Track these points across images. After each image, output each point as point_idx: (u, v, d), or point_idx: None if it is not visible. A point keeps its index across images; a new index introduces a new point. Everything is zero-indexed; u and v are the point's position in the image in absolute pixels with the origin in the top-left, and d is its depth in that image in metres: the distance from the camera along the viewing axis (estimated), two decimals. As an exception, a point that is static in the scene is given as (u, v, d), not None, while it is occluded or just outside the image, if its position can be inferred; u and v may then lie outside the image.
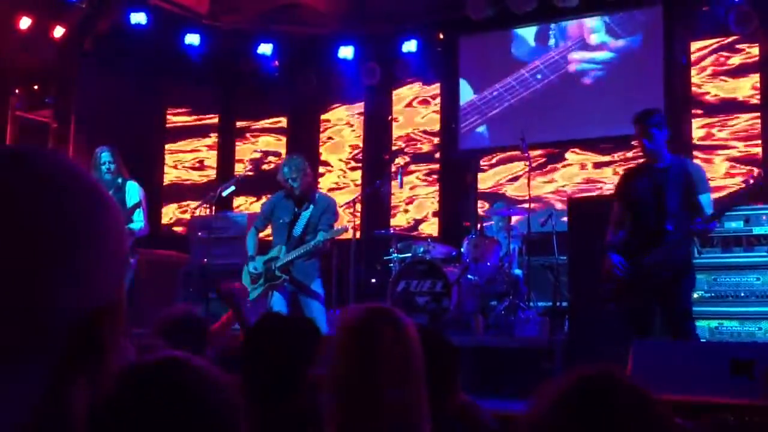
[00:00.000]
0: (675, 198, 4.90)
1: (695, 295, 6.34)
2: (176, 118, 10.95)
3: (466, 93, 9.99)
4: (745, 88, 8.55)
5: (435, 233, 9.80)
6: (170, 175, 10.89)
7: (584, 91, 9.28)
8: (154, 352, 1.03)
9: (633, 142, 5.18)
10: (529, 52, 9.65)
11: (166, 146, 10.90)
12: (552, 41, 9.54)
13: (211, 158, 11.04)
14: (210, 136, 11.05)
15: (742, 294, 6.35)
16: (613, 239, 5.17)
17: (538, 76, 9.50)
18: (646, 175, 5.08)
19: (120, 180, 6.63)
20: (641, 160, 5.31)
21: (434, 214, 10.13)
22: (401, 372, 1.91)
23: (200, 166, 11.00)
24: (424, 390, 1.95)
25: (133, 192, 6.65)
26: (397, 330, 1.94)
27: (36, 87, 9.41)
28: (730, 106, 8.60)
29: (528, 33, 9.62)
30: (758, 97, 8.46)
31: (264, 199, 7.76)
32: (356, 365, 1.92)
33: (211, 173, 10.95)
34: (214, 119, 11.07)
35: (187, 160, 10.97)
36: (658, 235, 4.88)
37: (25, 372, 0.68)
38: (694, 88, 8.80)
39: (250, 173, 8.24)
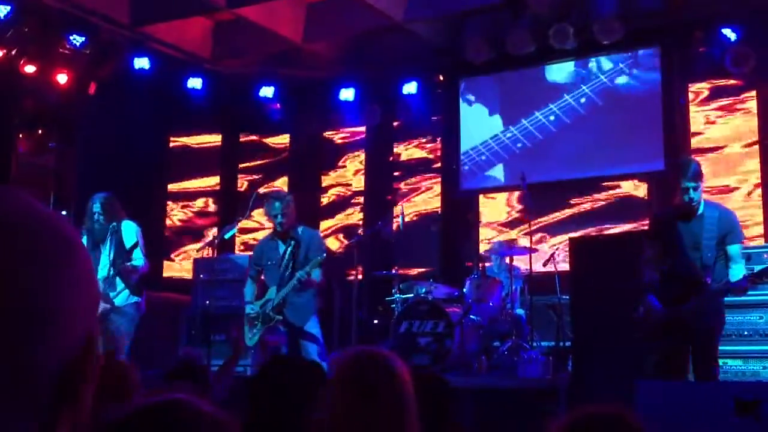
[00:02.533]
0: (711, 249, 4.96)
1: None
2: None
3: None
4: (743, 127, 8.62)
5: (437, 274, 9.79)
6: (174, 218, 10.92)
7: (583, 130, 9.34)
8: (159, 394, 1.04)
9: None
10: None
11: (169, 189, 10.95)
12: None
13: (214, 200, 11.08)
14: (213, 177, 11.11)
15: (746, 332, 6.34)
16: (650, 280, 5.18)
17: (551, 118, 9.55)
18: (682, 223, 5.09)
19: (114, 224, 6.57)
20: (676, 204, 5.21)
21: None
22: (395, 416, 1.90)
23: (203, 209, 11.04)
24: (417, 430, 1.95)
25: (130, 232, 6.61)
26: (388, 373, 1.95)
27: (40, 132, 9.49)
28: (729, 146, 8.66)
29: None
30: (755, 138, 8.52)
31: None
32: (350, 413, 1.92)
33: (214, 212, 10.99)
34: (216, 159, 11.14)
35: (189, 204, 11.01)
36: (696, 286, 4.93)
37: (22, 423, 0.67)
38: (693, 128, 8.86)
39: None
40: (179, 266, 10.65)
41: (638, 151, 8.96)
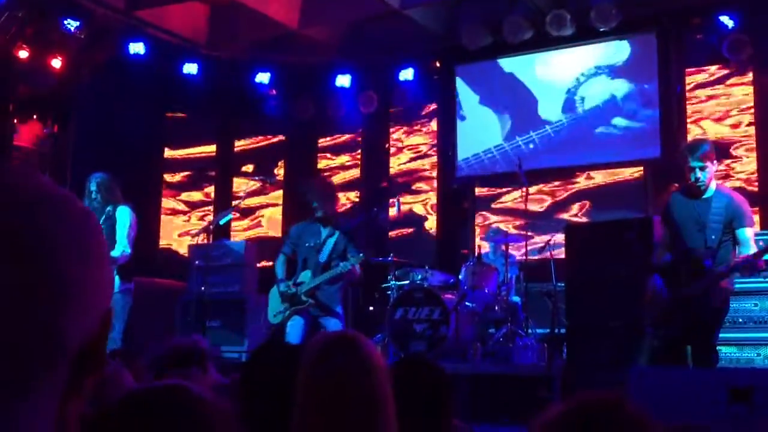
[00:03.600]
0: (716, 232, 4.89)
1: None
2: (174, 152, 10.98)
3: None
4: (740, 115, 8.61)
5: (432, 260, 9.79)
6: (168, 205, 10.91)
7: (580, 117, 9.33)
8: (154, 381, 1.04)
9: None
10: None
11: (165, 176, 10.93)
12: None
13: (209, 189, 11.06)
14: (208, 164, 11.09)
15: (741, 320, 6.35)
16: (658, 262, 5.16)
17: (548, 106, 9.54)
18: (689, 205, 5.04)
19: (110, 208, 6.51)
20: (685, 186, 5.18)
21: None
22: (363, 399, 1.89)
23: (199, 193, 11.02)
24: (391, 417, 1.93)
25: (124, 218, 6.54)
26: (355, 357, 1.93)
27: (35, 117, 9.46)
28: (726, 134, 8.66)
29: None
30: (752, 127, 8.51)
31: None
32: (314, 396, 1.91)
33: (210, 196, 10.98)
34: (212, 147, 11.11)
35: (184, 187, 11.00)
36: (699, 268, 4.88)
37: (43, 403, 0.68)
38: (689, 116, 8.86)
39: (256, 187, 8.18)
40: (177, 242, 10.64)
41: (635, 138, 8.96)
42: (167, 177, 10.99)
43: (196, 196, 11.05)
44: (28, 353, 0.66)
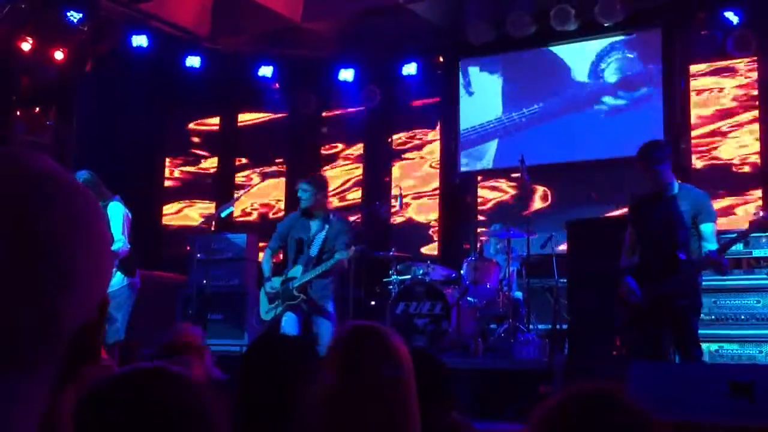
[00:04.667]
0: (684, 227, 5.01)
1: (695, 318, 6.33)
2: (174, 153, 10.98)
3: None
4: (744, 110, 8.58)
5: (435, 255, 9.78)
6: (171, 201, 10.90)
7: (584, 113, 9.30)
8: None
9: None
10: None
11: (166, 170, 10.91)
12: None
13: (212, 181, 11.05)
14: (210, 158, 11.09)
15: (743, 317, 6.34)
16: (627, 264, 5.24)
17: (551, 100, 9.51)
18: (656, 205, 5.16)
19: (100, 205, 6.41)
20: (649, 188, 5.32)
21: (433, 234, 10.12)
22: (388, 390, 1.89)
23: (201, 187, 11.02)
24: (414, 410, 1.93)
25: (115, 212, 6.43)
26: (384, 348, 1.93)
27: (37, 109, 9.45)
28: (729, 128, 8.63)
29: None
30: (757, 121, 8.48)
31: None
32: (342, 382, 1.91)
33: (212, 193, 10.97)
34: (214, 138, 11.11)
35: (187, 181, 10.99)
36: (672, 263, 4.95)
37: (38, 381, 0.69)
38: (693, 110, 8.83)
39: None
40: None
41: (638, 134, 8.91)
42: (168, 168, 10.97)
43: (197, 188, 11.04)
44: (22, 331, 0.66)
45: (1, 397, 0.66)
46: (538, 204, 9.24)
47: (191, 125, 11.06)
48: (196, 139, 11.08)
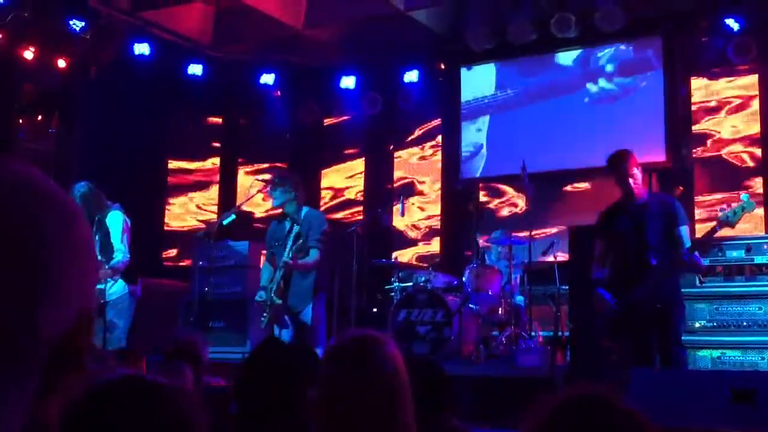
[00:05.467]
0: (655, 232, 5.06)
1: (697, 325, 6.32)
2: (177, 163, 10.99)
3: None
4: (745, 117, 8.59)
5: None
6: (173, 207, 10.91)
7: (587, 121, 9.31)
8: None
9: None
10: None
11: (169, 178, 10.93)
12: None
13: (213, 191, 11.06)
14: (212, 164, 11.10)
15: (745, 323, 6.32)
16: (598, 275, 5.30)
17: (552, 107, 9.52)
18: (626, 213, 5.24)
19: (98, 216, 6.27)
20: (619, 198, 5.43)
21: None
22: (385, 398, 1.89)
23: (202, 198, 11.03)
24: (408, 419, 1.93)
25: (115, 222, 6.38)
26: (381, 356, 1.93)
27: (39, 117, 9.47)
28: (730, 135, 8.63)
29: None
30: (758, 128, 8.49)
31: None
32: (340, 391, 1.92)
33: (214, 199, 10.98)
34: (216, 147, 11.13)
35: (189, 190, 11.00)
36: (644, 269, 5.01)
37: (17, 389, 0.68)
38: (694, 118, 8.84)
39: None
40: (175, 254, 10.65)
41: (639, 141, 8.92)
42: (171, 177, 10.97)
43: (199, 196, 11.05)
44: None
45: None
46: (538, 209, 9.23)
47: (193, 133, 11.07)
48: (198, 147, 11.09)
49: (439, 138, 10.30)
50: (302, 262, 6.19)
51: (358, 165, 10.73)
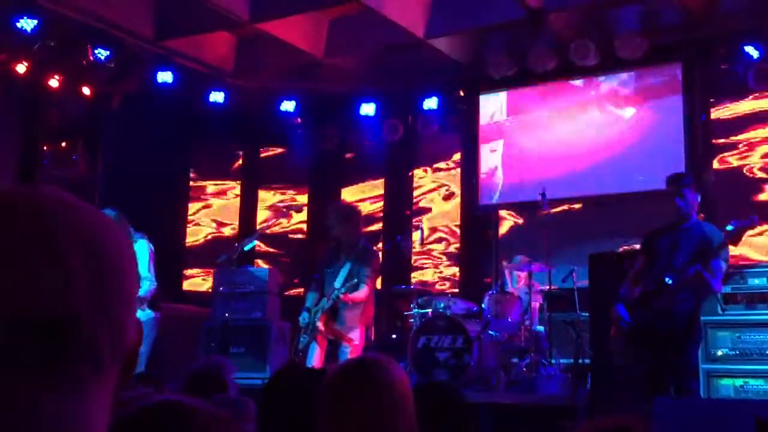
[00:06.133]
0: (684, 255, 5.00)
1: (719, 353, 6.27)
2: (200, 183, 11.09)
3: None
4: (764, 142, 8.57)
5: (455, 289, 9.77)
6: (193, 236, 10.99)
7: (607, 147, 9.31)
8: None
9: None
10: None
11: (190, 204, 11.02)
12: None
13: (234, 213, 11.14)
14: (233, 191, 11.19)
15: (767, 352, 6.26)
16: (625, 292, 5.24)
17: (573, 134, 9.54)
18: (669, 234, 5.19)
19: None
20: (670, 219, 5.37)
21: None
22: (388, 420, 1.90)
23: (222, 222, 11.10)
24: None
25: (141, 251, 6.51)
26: (384, 379, 1.94)
27: (64, 144, 9.61)
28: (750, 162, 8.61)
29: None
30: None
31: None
32: (341, 414, 1.94)
33: (234, 226, 11.05)
34: (237, 173, 11.22)
35: (210, 216, 11.08)
36: (659, 287, 4.96)
37: (107, 390, 0.76)
38: (714, 144, 8.82)
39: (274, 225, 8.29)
40: (201, 281, 10.71)
41: (659, 168, 8.91)
42: (192, 203, 11.06)
43: (220, 221, 11.12)
44: (101, 347, 0.74)
45: (74, 407, 0.72)
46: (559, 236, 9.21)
47: (215, 159, 11.17)
48: (219, 173, 11.18)
49: (459, 164, 10.33)
50: (351, 296, 6.39)
51: (378, 191, 10.78)
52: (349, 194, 10.88)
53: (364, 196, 10.83)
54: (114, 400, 0.78)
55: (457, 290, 9.65)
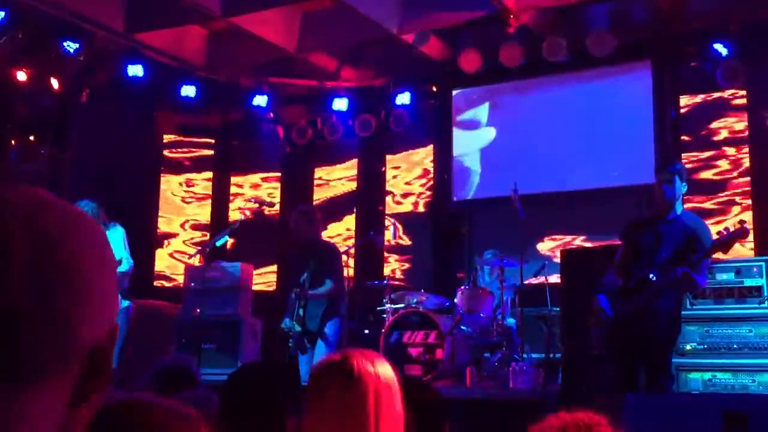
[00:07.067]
0: (668, 250, 4.90)
1: (688, 347, 6.35)
2: (171, 177, 11.00)
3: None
4: (734, 141, 8.68)
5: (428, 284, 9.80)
6: (164, 225, 10.91)
7: (575, 143, 9.39)
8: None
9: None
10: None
11: (161, 198, 10.93)
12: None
13: (205, 211, 11.07)
14: (204, 185, 11.11)
15: (735, 346, 6.36)
16: (607, 281, 5.17)
17: (542, 130, 9.60)
18: (652, 226, 5.09)
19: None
20: (653, 209, 5.29)
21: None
22: (372, 414, 1.91)
23: (195, 218, 11.03)
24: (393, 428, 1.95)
25: (118, 236, 6.77)
26: (345, 381, 1.95)
27: (32, 138, 9.48)
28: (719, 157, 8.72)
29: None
30: (746, 150, 8.58)
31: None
32: (311, 417, 1.95)
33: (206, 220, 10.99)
34: (209, 171, 11.15)
35: (181, 212, 11.00)
36: (642, 283, 4.90)
37: (51, 396, 0.73)
38: (683, 141, 8.93)
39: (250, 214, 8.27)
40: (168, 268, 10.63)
41: (629, 164, 9.01)
42: (163, 197, 10.97)
43: (192, 216, 11.05)
44: (42, 345, 0.71)
45: (9, 407, 0.70)
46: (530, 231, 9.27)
47: (186, 153, 11.09)
48: (190, 167, 11.10)
49: (431, 160, 10.36)
50: (315, 293, 6.55)
51: (350, 186, 10.77)
52: (320, 190, 10.87)
53: (336, 191, 10.81)
54: (75, 403, 0.75)
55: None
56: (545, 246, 9.40)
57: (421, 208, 10.33)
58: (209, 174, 11.14)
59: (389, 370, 2.03)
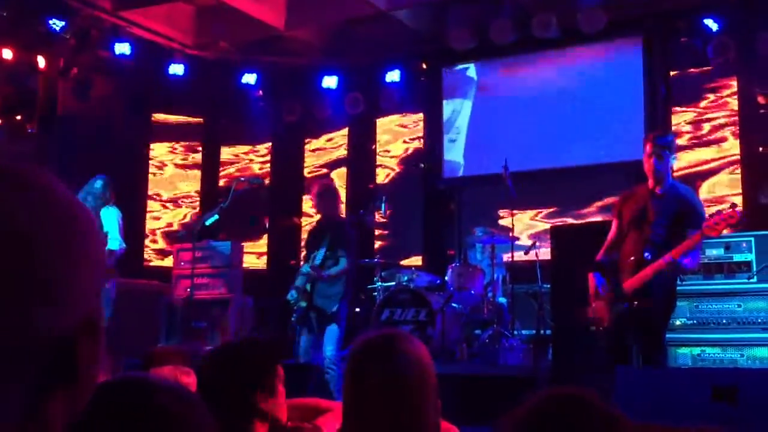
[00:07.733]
0: (660, 227, 4.84)
1: (677, 323, 6.38)
2: (160, 150, 10.93)
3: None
4: (723, 116, 8.68)
5: (419, 262, 9.81)
6: (154, 203, 10.86)
7: (566, 120, 9.37)
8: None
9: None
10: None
11: (150, 175, 10.87)
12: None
13: (195, 185, 11.02)
14: (194, 165, 11.06)
15: (724, 321, 6.40)
16: (602, 259, 5.12)
17: (533, 107, 9.59)
18: (642, 200, 4.99)
19: (104, 208, 6.74)
20: (643, 182, 5.14)
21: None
22: (390, 403, 1.91)
23: (184, 194, 10.99)
24: (436, 416, 1.96)
25: (110, 217, 6.75)
26: (384, 362, 1.94)
27: (18, 117, 9.40)
28: (709, 134, 8.72)
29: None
30: (736, 129, 8.58)
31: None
32: (349, 401, 1.95)
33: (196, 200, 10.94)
34: (198, 148, 11.08)
35: (170, 189, 10.95)
36: (638, 261, 4.86)
37: (6, 391, 0.67)
38: (674, 118, 8.92)
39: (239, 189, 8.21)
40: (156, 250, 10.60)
41: (619, 140, 9.00)
42: (152, 176, 10.91)
43: (181, 195, 11.00)
44: None
45: None
46: (522, 208, 9.28)
47: (175, 132, 11.02)
48: (179, 147, 11.04)
49: (422, 137, 10.33)
50: (327, 273, 6.44)
51: (341, 164, 10.74)
52: (311, 167, 10.83)
53: (327, 168, 10.77)
54: (41, 397, 0.69)
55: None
56: (536, 223, 9.41)
57: (410, 186, 10.31)
58: (199, 150, 11.07)
59: (426, 351, 2.04)
